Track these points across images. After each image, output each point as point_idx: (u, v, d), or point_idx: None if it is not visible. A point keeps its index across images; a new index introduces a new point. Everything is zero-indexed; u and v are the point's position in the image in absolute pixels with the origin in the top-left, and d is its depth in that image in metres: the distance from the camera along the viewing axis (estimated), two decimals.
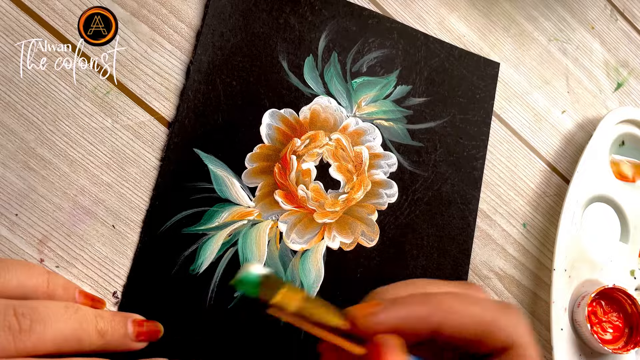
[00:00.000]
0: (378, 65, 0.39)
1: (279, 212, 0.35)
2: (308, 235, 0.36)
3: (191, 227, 0.34)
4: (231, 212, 0.34)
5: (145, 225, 0.33)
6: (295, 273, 0.35)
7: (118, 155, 0.34)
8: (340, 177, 0.37)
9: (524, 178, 0.42)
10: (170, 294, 0.33)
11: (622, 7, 0.48)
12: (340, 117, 0.38)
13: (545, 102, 0.44)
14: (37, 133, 0.33)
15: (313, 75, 0.37)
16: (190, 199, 0.34)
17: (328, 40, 0.38)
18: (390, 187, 0.38)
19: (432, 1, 0.43)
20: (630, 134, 0.43)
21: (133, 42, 0.35)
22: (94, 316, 0.26)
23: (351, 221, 0.37)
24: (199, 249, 0.34)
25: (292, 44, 0.37)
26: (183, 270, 0.33)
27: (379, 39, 0.39)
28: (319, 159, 0.37)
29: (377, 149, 0.38)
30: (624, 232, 0.41)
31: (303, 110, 0.37)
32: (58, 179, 0.33)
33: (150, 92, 0.35)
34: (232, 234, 0.34)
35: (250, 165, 0.35)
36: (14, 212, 0.32)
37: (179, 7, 0.36)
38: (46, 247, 0.32)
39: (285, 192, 0.36)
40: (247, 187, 0.35)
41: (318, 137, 0.37)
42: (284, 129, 0.36)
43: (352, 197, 0.37)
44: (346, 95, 0.38)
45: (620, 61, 0.47)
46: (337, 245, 0.36)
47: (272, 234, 0.35)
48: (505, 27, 0.44)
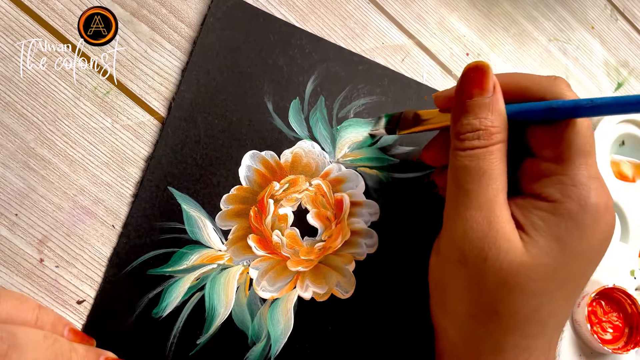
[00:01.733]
0: (366, 112, 0.38)
1: (251, 258, 0.34)
2: (279, 284, 0.34)
3: (158, 269, 0.33)
4: (201, 255, 0.33)
5: (111, 263, 0.32)
6: (263, 322, 0.33)
7: (118, 155, 0.34)
8: (318, 224, 0.36)
9: None
10: (131, 337, 0.32)
11: (622, 7, 0.48)
12: (323, 162, 0.36)
13: None
14: (37, 133, 0.33)
15: (298, 118, 0.36)
16: (159, 238, 0.33)
17: (316, 84, 0.37)
18: (371, 237, 0.36)
19: (432, 1, 0.43)
20: (630, 134, 0.43)
21: (133, 42, 0.35)
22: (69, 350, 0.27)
23: (326, 271, 0.35)
24: (164, 292, 0.32)
25: (279, 86, 0.36)
26: (146, 312, 0.32)
27: (368, 85, 0.38)
28: (297, 204, 0.36)
29: (359, 197, 0.37)
30: (624, 232, 0.41)
31: (285, 154, 0.36)
32: (58, 179, 0.33)
33: (150, 92, 0.35)
34: (200, 278, 0.33)
35: (226, 207, 0.34)
36: (14, 212, 0.32)
37: (179, 7, 0.36)
38: (46, 247, 0.32)
39: (259, 237, 0.35)
40: (220, 229, 0.34)
41: (298, 182, 0.36)
42: (263, 172, 0.35)
43: (329, 246, 0.35)
44: (330, 140, 0.37)
45: (620, 61, 0.47)
46: (309, 295, 0.35)
47: (242, 279, 0.34)
48: (505, 27, 0.44)
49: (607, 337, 0.38)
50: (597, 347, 0.37)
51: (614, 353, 0.37)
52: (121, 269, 0.32)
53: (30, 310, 0.27)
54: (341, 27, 0.40)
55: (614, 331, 0.38)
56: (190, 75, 0.35)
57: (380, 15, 0.41)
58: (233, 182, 0.35)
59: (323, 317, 0.35)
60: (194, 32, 0.36)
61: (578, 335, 0.38)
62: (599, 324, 0.38)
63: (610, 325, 0.39)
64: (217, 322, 0.33)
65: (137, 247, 0.33)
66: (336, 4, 0.40)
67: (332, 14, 0.39)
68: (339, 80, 0.38)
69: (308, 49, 0.37)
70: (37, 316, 0.27)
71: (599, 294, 0.38)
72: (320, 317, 0.35)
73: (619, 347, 0.38)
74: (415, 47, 0.41)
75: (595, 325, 0.38)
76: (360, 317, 0.35)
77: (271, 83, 0.36)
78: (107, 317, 0.32)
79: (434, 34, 0.42)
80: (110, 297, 0.32)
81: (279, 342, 0.34)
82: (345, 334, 0.35)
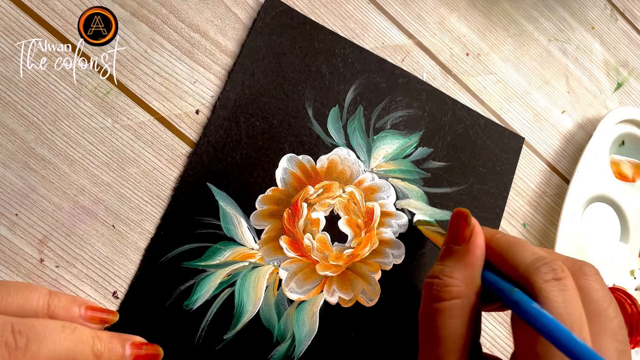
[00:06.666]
0: (402, 125, 0.39)
1: (282, 259, 0.35)
2: (307, 286, 0.35)
3: (192, 262, 0.33)
4: (234, 251, 0.34)
5: (147, 253, 0.33)
6: (289, 323, 0.34)
7: (118, 155, 0.34)
8: (348, 231, 0.36)
9: (523, 178, 0.42)
10: (160, 326, 0.32)
11: (622, 7, 0.48)
12: (357, 170, 0.37)
13: (545, 102, 0.44)
14: (37, 133, 0.33)
15: (336, 125, 0.37)
16: (195, 232, 0.34)
17: (356, 94, 0.38)
18: (398, 248, 0.37)
19: (432, 1, 0.43)
20: (630, 134, 0.43)
21: (133, 42, 0.35)
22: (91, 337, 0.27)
23: (353, 277, 0.36)
24: (196, 285, 0.33)
25: (320, 93, 0.37)
26: (177, 304, 0.33)
27: (406, 98, 0.39)
28: (330, 210, 0.36)
29: (389, 207, 0.37)
30: (624, 232, 0.41)
31: (321, 159, 0.37)
32: (58, 179, 0.33)
33: (150, 92, 0.35)
34: (231, 274, 0.34)
35: (261, 207, 0.35)
36: (14, 212, 0.32)
37: (179, 7, 0.36)
38: (46, 247, 0.32)
39: (291, 238, 0.35)
40: (254, 228, 0.35)
41: (332, 188, 0.36)
42: (299, 175, 0.36)
43: (357, 253, 0.36)
44: (366, 149, 0.38)
45: (620, 61, 0.47)
46: (335, 300, 0.35)
47: (272, 279, 0.34)
48: (505, 27, 0.44)
49: None
50: None
51: None
52: (157, 259, 0.33)
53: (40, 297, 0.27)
54: (341, 27, 0.40)
55: None
56: (236, 76, 0.36)
57: (380, 15, 0.41)
58: (269, 183, 0.35)
59: (347, 323, 0.35)
60: (195, 33, 0.36)
61: None
62: None
63: None
64: (245, 318, 0.33)
65: (173, 238, 0.33)
66: (336, 4, 0.40)
67: (332, 14, 0.39)
68: (378, 91, 0.39)
69: (351, 59, 0.38)
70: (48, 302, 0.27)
71: None
72: (344, 323, 0.35)
73: None
74: (415, 47, 0.41)
75: None
76: (382, 326, 0.36)
77: (312, 89, 0.37)
78: (140, 304, 0.32)
79: (434, 34, 0.42)
80: (144, 285, 0.33)
81: (303, 344, 0.34)
82: (367, 341, 0.35)
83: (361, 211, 0.37)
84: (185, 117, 0.35)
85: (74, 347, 0.25)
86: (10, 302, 0.26)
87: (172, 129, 0.35)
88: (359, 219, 0.36)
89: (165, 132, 0.35)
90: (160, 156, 0.35)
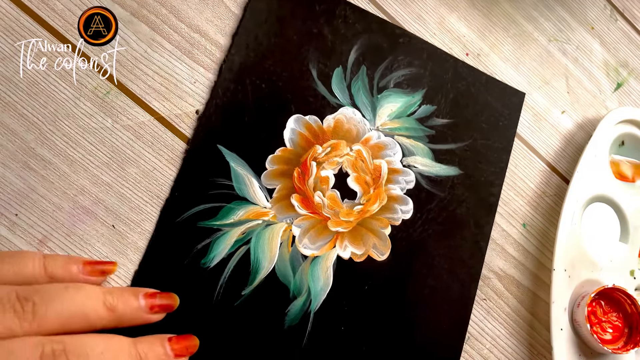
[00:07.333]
0: (405, 83, 0.39)
1: (294, 216, 0.36)
2: (320, 242, 0.36)
3: (207, 221, 0.34)
4: (247, 210, 0.35)
5: (163, 214, 0.34)
6: (304, 278, 0.35)
7: (118, 156, 0.34)
8: (357, 188, 0.37)
9: (523, 178, 0.42)
10: (179, 283, 0.33)
11: (621, 8, 0.48)
12: (363, 129, 0.38)
13: (545, 102, 0.44)
14: (37, 133, 0.33)
15: (341, 86, 0.38)
16: (209, 193, 0.34)
17: (359, 54, 0.39)
18: (406, 204, 0.38)
19: (432, 1, 0.43)
20: (630, 134, 0.43)
21: (133, 42, 0.35)
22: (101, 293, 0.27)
23: (364, 233, 0.37)
24: (212, 244, 0.34)
25: (323, 54, 0.38)
26: (195, 262, 0.33)
27: (408, 57, 0.40)
28: (339, 168, 0.37)
29: (396, 164, 0.38)
30: (624, 232, 0.41)
31: (327, 119, 0.37)
32: (58, 179, 0.33)
33: (150, 92, 0.35)
34: (245, 232, 0.34)
35: (271, 167, 0.36)
36: (14, 212, 0.32)
37: (179, 7, 0.36)
38: (46, 247, 0.32)
39: (302, 196, 0.36)
40: (266, 187, 0.35)
41: (339, 147, 0.37)
42: (307, 135, 0.37)
43: (367, 209, 0.37)
44: (371, 108, 0.38)
45: (620, 61, 0.47)
46: (348, 255, 0.36)
47: (285, 236, 0.35)
48: (505, 27, 0.45)
49: (607, 337, 0.38)
50: (597, 347, 0.37)
51: (614, 353, 0.37)
52: (173, 218, 0.33)
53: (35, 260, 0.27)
54: None
55: (614, 331, 0.38)
56: (240, 39, 0.37)
57: (381, 15, 0.41)
58: (278, 144, 0.36)
59: (360, 276, 0.36)
60: (195, 33, 0.36)
61: (578, 335, 0.38)
62: (599, 324, 0.38)
63: (610, 325, 0.39)
64: (261, 275, 0.34)
65: (187, 199, 0.34)
66: None
67: None
68: (380, 51, 0.39)
69: (352, 20, 0.39)
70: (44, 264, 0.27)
71: (599, 294, 0.38)
72: (357, 277, 0.36)
73: (619, 347, 0.38)
74: None
75: (595, 325, 0.38)
76: (394, 279, 0.37)
77: (316, 51, 0.38)
78: (157, 263, 0.33)
79: (433, 34, 0.42)
80: (162, 245, 0.33)
81: (319, 298, 0.35)
82: (380, 294, 0.36)
83: (369, 168, 0.37)
84: (185, 117, 0.35)
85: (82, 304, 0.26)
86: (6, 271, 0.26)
87: (172, 129, 0.35)
88: (367, 176, 0.37)
89: (165, 132, 0.35)
90: (160, 156, 0.35)
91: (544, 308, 0.40)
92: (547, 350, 0.39)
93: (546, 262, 0.41)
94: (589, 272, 0.39)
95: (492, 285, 0.39)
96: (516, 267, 0.40)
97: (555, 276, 0.38)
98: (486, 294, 0.39)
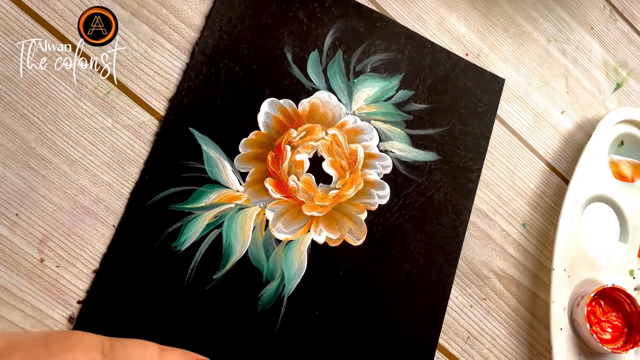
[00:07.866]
0: (382, 68, 0.39)
1: (268, 200, 0.35)
2: (294, 226, 0.36)
3: (178, 205, 0.34)
4: (220, 194, 0.35)
5: (133, 197, 0.33)
6: (278, 262, 0.35)
7: (118, 155, 0.34)
8: (333, 172, 0.37)
9: (523, 178, 0.42)
10: (149, 268, 0.33)
11: (621, 8, 0.49)
12: (339, 113, 0.38)
13: (544, 102, 0.44)
14: (38, 133, 0.33)
15: (316, 70, 0.38)
16: (180, 176, 0.34)
17: (335, 38, 0.39)
18: (383, 189, 0.38)
19: (432, 1, 0.43)
20: (629, 134, 0.43)
21: (133, 42, 0.35)
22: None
23: (339, 217, 0.37)
24: (184, 227, 0.34)
25: (298, 38, 0.38)
26: (165, 245, 0.33)
27: (385, 42, 0.40)
28: (314, 152, 0.37)
29: (373, 149, 0.38)
30: (623, 232, 0.41)
31: (302, 103, 0.37)
32: (58, 179, 0.33)
33: (150, 92, 0.35)
34: (218, 216, 0.34)
35: (244, 151, 0.36)
36: (14, 211, 0.32)
37: (179, 7, 0.36)
38: (46, 246, 0.32)
39: (276, 180, 0.36)
40: (239, 171, 0.35)
41: (315, 130, 0.37)
42: (281, 119, 0.36)
43: (342, 194, 0.37)
44: (347, 92, 0.38)
45: (619, 61, 0.47)
46: (322, 239, 0.36)
47: (259, 220, 0.35)
48: (505, 28, 0.45)
49: (607, 337, 0.38)
50: (597, 347, 0.37)
51: (613, 352, 0.37)
52: (142, 202, 0.33)
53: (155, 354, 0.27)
54: None
55: (613, 331, 0.39)
56: (213, 21, 0.36)
57: None
58: (252, 127, 0.36)
59: (335, 261, 0.36)
60: (195, 33, 0.37)
61: (577, 335, 0.38)
62: (598, 323, 0.38)
63: (609, 324, 0.39)
64: (233, 258, 0.34)
65: (158, 182, 0.34)
66: None
67: None
68: (357, 36, 0.39)
69: (328, 4, 0.39)
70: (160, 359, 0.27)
71: (598, 294, 0.38)
72: (332, 261, 0.36)
73: (618, 346, 0.38)
74: None
75: (594, 325, 0.38)
76: (370, 264, 0.36)
77: (291, 35, 0.38)
78: (127, 247, 0.33)
79: (433, 34, 0.42)
80: (131, 228, 0.33)
81: (293, 282, 0.35)
82: (356, 279, 0.36)
83: (345, 153, 0.37)
84: None
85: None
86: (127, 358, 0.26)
87: None
88: (343, 161, 0.37)
89: None
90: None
91: (543, 308, 0.40)
92: (547, 350, 0.39)
93: (546, 262, 0.41)
94: (589, 272, 0.39)
95: (492, 285, 0.40)
96: (516, 267, 0.40)
97: (555, 276, 0.38)
98: (486, 294, 0.39)
